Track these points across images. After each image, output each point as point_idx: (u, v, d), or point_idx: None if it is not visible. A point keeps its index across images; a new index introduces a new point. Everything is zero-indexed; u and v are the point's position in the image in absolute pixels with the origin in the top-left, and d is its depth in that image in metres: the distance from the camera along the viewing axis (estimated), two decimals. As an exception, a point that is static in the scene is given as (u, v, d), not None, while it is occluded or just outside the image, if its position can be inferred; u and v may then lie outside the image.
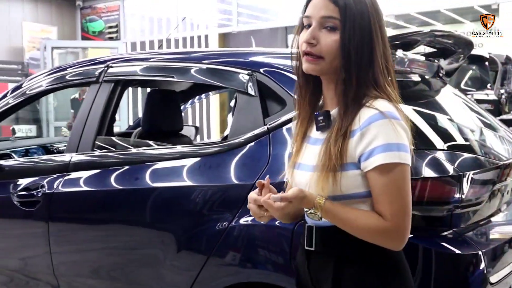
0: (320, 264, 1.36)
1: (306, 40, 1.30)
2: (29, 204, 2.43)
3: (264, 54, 2.21)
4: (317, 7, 1.30)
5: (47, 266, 2.42)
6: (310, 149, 1.38)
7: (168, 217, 2.08)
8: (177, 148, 2.20)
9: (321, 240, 1.36)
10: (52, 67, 8.89)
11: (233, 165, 1.94)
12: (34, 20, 9.78)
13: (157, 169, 2.15)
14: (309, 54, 1.30)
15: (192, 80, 2.42)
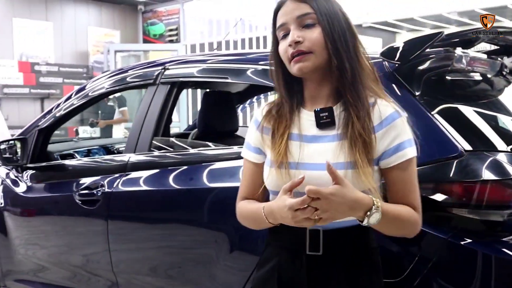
0: (327, 269, 1.33)
1: (292, 41, 1.31)
2: (90, 202, 2.51)
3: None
4: (289, 13, 1.34)
5: (107, 263, 2.49)
6: (314, 148, 1.33)
7: (222, 217, 2.09)
8: (233, 148, 2.20)
9: (328, 244, 1.32)
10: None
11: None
12: (98, 25, 10.14)
13: (213, 170, 2.16)
14: (298, 53, 1.31)
15: (247, 81, 2.42)
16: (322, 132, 1.34)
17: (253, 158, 1.46)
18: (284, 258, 1.37)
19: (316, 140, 1.34)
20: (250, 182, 1.47)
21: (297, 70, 1.33)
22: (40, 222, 2.98)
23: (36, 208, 2.95)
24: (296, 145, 1.35)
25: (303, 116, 1.38)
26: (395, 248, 1.64)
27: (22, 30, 9.07)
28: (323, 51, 1.31)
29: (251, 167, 1.46)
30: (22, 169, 3.02)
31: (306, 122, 1.37)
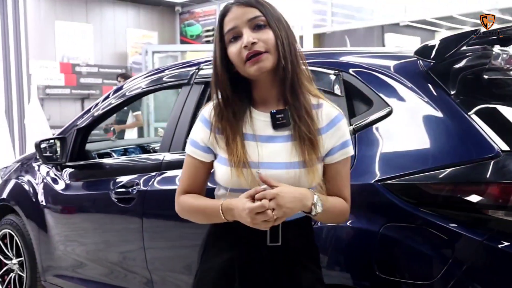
0: (285, 257, 1.43)
1: (248, 42, 1.36)
2: (125, 200, 2.55)
3: (354, 54, 2.17)
4: (239, 17, 1.39)
5: (142, 261, 2.53)
6: (270, 147, 1.41)
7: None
8: None
9: (285, 235, 1.41)
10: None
11: (318, 166, 1.92)
12: (136, 26, 10.31)
13: None
14: (255, 54, 1.36)
15: None
16: (277, 133, 1.42)
17: (200, 157, 1.49)
18: (242, 250, 1.43)
19: (272, 140, 1.42)
20: (194, 178, 1.50)
21: (255, 71, 1.37)
22: (78, 219, 3.05)
23: (75, 205, 3.02)
24: (252, 145, 1.41)
25: (256, 117, 1.44)
26: (428, 250, 1.62)
27: (63, 32, 9.31)
28: (275, 52, 1.38)
29: (196, 164, 1.49)
30: (61, 167, 3.09)
31: (259, 123, 1.44)
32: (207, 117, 1.48)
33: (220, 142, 1.44)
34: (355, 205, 1.77)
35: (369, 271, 1.71)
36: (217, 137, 1.45)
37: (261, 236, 1.40)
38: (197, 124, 1.51)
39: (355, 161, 1.81)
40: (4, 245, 3.55)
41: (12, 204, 3.46)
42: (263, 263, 1.43)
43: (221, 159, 1.44)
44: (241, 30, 1.39)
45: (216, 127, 1.45)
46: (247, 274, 1.44)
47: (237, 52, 1.39)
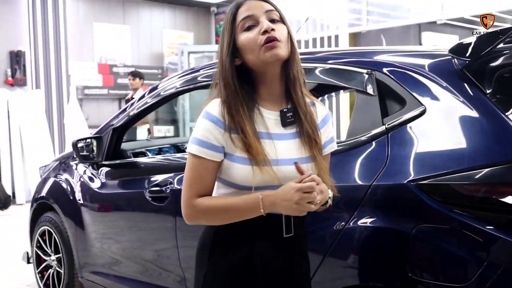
0: (294, 245, 1.54)
1: (268, 26, 1.41)
2: (159, 199, 2.59)
3: (387, 53, 2.15)
4: (257, 7, 1.45)
5: (175, 259, 2.56)
6: (284, 145, 1.47)
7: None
8: None
9: (295, 226, 1.52)
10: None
11: (350, 166, 1.91)
12: (172, 27, 10.43)
13: None
14: (272, 39, 1.41)
15: (313, 80, 2.40)
16: (286, 130, 1.49)
17: (213, 157, 1.45)
18: (263, 244, 1.49)
19: (282, 138, 1.48)
20: (205, 180, 1.47)
21: (271, 56, 1.41)
22: (114, 217, 3.10)
23: (110, 203, 3.08)
24: (268, 143, 1.45)
25: (266, 115, 1.48)
26: (462, 252, 1.59)
27: (101, 34, 9.49)
28: (288, 45, 1.46)
29: (207, 165, 1.45)
30: (97, 166, 3.15)
31: (269, 121, 1.48)
32: (217, 116, 1.45)
33: (236, 142, 1.43)
34: (387, 205, 1.76)
35: (401, 273, 1.69)
36: (232, 136, 1.44)
37: (278, 229, 1.49)
38: (204, 123, 1.45)
39: (387, 160, 1.79)
40: (43, 242, 3.65)
41: (51, 202, 3.54)
42: (280, 254, 1.51)
43: (239, 159, 1.43)
44: (258, 19, 1.44)
45: (231, 126, 1.43)
46: (268, 266, 1.49)
47: (254, 37, 1.42)
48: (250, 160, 1.41)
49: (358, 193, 1.82)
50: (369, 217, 1.78)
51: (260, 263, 1.49)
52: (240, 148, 1.43)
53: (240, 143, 1.43)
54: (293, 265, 1.54)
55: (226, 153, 1.46)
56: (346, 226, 1.83)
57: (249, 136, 1.42)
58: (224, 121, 1.44)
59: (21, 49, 8.56)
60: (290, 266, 1.53)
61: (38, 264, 3.72)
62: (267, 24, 1.42)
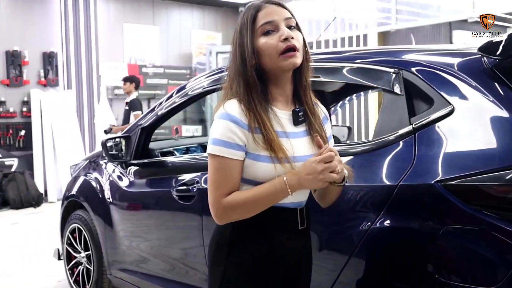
0: (305, 238, 1.64)
1: (288, 34, 1.48)
2: (186, 198, 2.61)
3: (415, 52, 2.12)
4: (277, 13, 1.51)
5: (202, 257, 2.57)
6: (297, 142, 1.55)
7: (311, 216, 2.09)
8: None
9: (306, 218, 1.62)
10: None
11: (376, 166, 1.89)
12: (201, 28, 10.48)
13: None
14: (292, 48, 1.48)
15: (340, 80, 2.39)
16: (297, 129, 1.57)
17: (238, 156, 1.49)
18: (282, 237, 1.55)
19: (296, 136, 1.56)
20: (233, 180, 1.50)
21: (288, 64, 1.49)
22: (142, 216, 3.14)
23: (139, 202, 3.11)
24: (285, 141, 1.52)
25: (280, 115, 1.55)
26: (491, 254, 1.56)
27: (131, 34, 9.60)
28: (302, 52, 1.53)
29: (233, 165, 1.49)
30: (126, 165, 3.19)
31: (283, 120, 1.55)
32: (238, 116, 1.49)
33: (258, 140, 1.48)
34: (414, 205, 1.74)
35: (428, 274, 1.67)
36: (255, 136, 1.49)
37: (294, 221, 1.58)
38: (226, 123, 1.48)
39: (414, 161, 1.77)
40: (73, 239, 3.71)
41: (81, 200, 3.61)
42: (298, 245, 1.60)
43: (260, 157, 1.49)
44: (278, 25, 1.50)
45: (253, 125, 1.48)
46: (287, 258, 1.56)
47: (274, 43, 1.49)
48: (272, 158, 1.47)
49: (384, 193, 1.80)
50: (396, 217, 1.76)
51: (280, 256, 1.54)
52: (261, 147, 1.48)
53: (262, 141, 1.48)
54: (305, 257, 1.65)
55: (247, 152, 1.50)
56: (372, 227, 1.81)
57: (271, 134, 1.48)
58: (246, 121, 1.49)
59: (54, 50, 8.72)
60: (304, 258, 1.63)
61: (69, 261, 3.79)
62: (288, 32, 1.48)
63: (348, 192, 1.94)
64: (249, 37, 1.50)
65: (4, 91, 8.31)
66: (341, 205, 1.97)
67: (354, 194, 1.93)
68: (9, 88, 8.34)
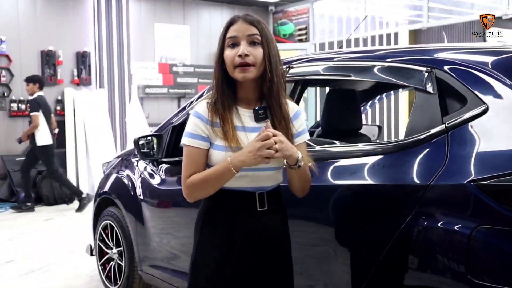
0: (270, 217, 1.84)
1: (242, 52, 1.72)
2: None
3: (448, 50, 2.09)
4: (242, 29, 1.76)
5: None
6: (255, 136, 1.72)
7: (344, 214, 2.09)
8: (358, 146, 2.17)
9: (269, 200, 1.83)
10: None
11: (408, 165, 1.88)
12: (231, 27, 10.52)
13: (337, 167, 2.16)
14: (243, 65, 1.73)
15: (371, 79, 2.38)
16: (259, 124, 1.80)
17: (201, 145, 1.80)
18: (241, 217, 1.81)
19: (254, 130, 1.79)
20: (197, 164, 1.80)
21: (241, 78, 1.75)
22: (172, 213, 3.17)
23: (169, 200, 3.14)
24: (243, 134, 1.79)
25: (242, 113, 1.82)
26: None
27: (162, 34, 9.70)
28: (261, 66, 1.76)
29: (198, 152, 1.80)
30: (157, 163, 3.23)
31: (244, 117, 1.82)
32: (203, 114, 1.81)
33: (217, 133, 1.78)
34: (446, 205, 1.72)
35: (460, 275, 1.65)
36: (215, 129, 1.79)
37: (252, 205, 1.81)
38: (193, 120, 1.82)
39: (447, 160, 1.75)
40: (105, 235, 3.78)
41: (113, 197, 3.66)
42: (257, 225, 1.81)
43: (219, 146, 1.78)
44: (239, 41, 1.75)
45: (214, 121, 1.79)
46: (246, 235, 1.80)
47: (232, 57, 1.75)
48: (226, 147, 1.76)
49: (416, 193, 1.79)
50: (428, 217, 1.75)
51: (240, 232, 1.80)
52: (220, 138, 1.78)
53: (220, 133, 1.78)
54: (272, 239, 1.85)
55: (210, 143, 1.80)
56: (404, 226, 1.80)
57: (227, 127, 1.77)
58: (209, 117, 1.80)
59: (87, 50, 8.88)
60: (268, 239, 1.83)
61: (101, 257, 3.86)
62: (242, 50, 1.73)
63: (380, 191, 1.93)
64: (219, 47, 1.79)
65: (39, 90, 8.50)
66: (372, 204, 1.97)
67: (385, 193, 1.93)
68: (44, 87, 8.54)
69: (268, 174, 1.80)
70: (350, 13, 9.54)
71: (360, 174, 2.03)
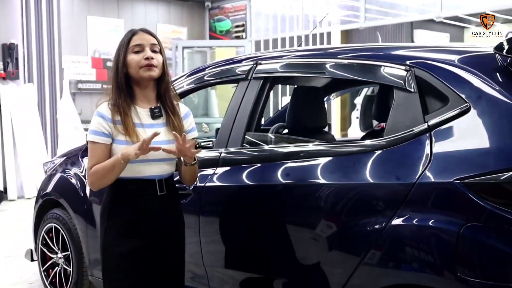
0: (168, 201, 2.15)
1: (150, 55, 2.07)
2: (182, 196, 2.52)
3: (425, 48, 2.12)
4: (145, 39, 2.11)
5: (196, 256, 2.50)
6: (152, 131, 1.98)
7: (322, 214, 2.05)
8: (339, 144, 2.15)
9: (167, 186, 2.13)
10: (183, 66, 9.32)
11: (390, 164, 1.88)
12: (166, 22, 10.31)
13: (311, 166, 2.12)
14: (149, 65, 2.06)
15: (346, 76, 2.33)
16: (155, 122, 2.12)
17: (104, 141, 2.07)
18: (144, 201, 2.10)
19: (152, 126, 2.10)
20: (100, 157, 2.06)
21: (147, 76, 2.08)
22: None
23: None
24: (141, 130, 2.08)
25: (140, 111, 2.12)
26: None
27: (95, 28, 9.35)
28: (160, 70, 2.12)
29: (101, 147, 2.07)
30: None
31: (142, 115, 2.12)
32: (105, 113, 2.08)
33: (119, 129, 2.06)
34: (432, 203, 1.74)
35: (450, 272, 1.66)
36: (117, 127, 2.06)
37: (153, 189, 2.10)
38: (97, 119, 2.08)
39: (431, 158, 1.76)
40: (49, 239, 3.56)
41: (58, 198, 3.46)
42: (158, 208, 2.11)
43: (120, 141, 2.06)
44: (145, 47, 2.09)
45: (115, 119, 2.06)
46: (149, 217, 2.09)
47: (139, 60, 2.07)
48: (127, 141, 2.04)
49: (400, 191, 1.79)
50: (413, 215, 1.75)
51: (144, 214, 2.09)
52: (121, 134, 2.06)
53: (122, 130, 2.05)
54: (170, 220, 2.16)
55: (113, 138, 2.07)
56: (388, 224, 1.80)
57: (127, 124, 2.05)
58: (110, 116, 2.07)
59: (14, 42, 8.39)
60: (167, 219, 2.14)
61: (43, 262, 3.63)
62: (149, 53, 2.07)
63: (362, 190, 1.92)
64: (123, 53, 2.09)
65: (-39, 84, 7.95)
66: (353, 203, 1.95)
67: (367, 193, 1.91)
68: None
69: (163, 164, 2.12)
70: (285, 11, 9.60)
71: (341, 173, 2.02)
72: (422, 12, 7.58)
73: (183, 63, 9.37)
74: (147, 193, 2.11)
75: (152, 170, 2.10)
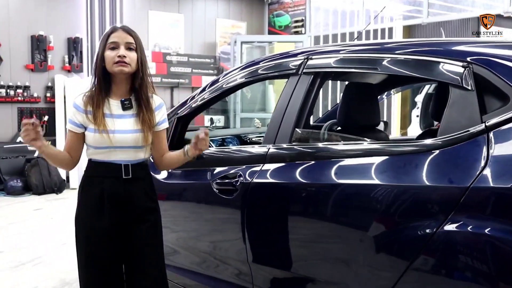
0: (133, 185, 2.31)
1: (122, 54, 2.24)
2: (227, 192, 2.50)
3: (481, 44, 1.99)
4: (121, 37, 2.27)
5: (240, 253, 2.48)
6: (121, 121, 2.29)
7: (371, 215, 1.96)
8: (391, 144, 2.05)
9: (133, 171, 2.31)
10: (242, 61, 9.34)
11: (443, 166, 1.77)
12: (226, 17, 10.36)
13: (362, 165, 2.04)
14: (122, 62, 2.23)
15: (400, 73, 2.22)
16: (125, 112, 2.32)
17: (77, 130, 2.31)
18: (109, 182, 2.28)
19: (122, 117, 2.31)
20: (72, 144, 2.32)
21: (118, 71, 2.25)
22: (179, 208, 3.04)
23: (176, 193, 3.02)
24: (110, 120, 2.28)
25: (112, 103, 2.32)
26: None
27: (156, 22, 9.51)
28: (135, 66, 2.28)
29: (75, 135, 2.31)
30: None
31: (113, 106, 2.31)
32: (79, 105, 2.31)
33: (90, 119, 2.27)
34: (488, 209, 1.62)
35: (507, 285, 1.55)
36: (88, 116, 2.28)
37: (118, 173, 2.29)
38: (72, 110, 2.32)
39: (488, 161, 1.65)
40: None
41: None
42: (122, 190, 2.29)
43: (91, 129, 2.27)
44: (119, 45, 2.26)
45: (87, 110, 2.28)
46: (112, 197, 2.28)
47: (113, 56, 2.24)
48: (95, 129, 2.26)
49: (453, 195, 1.68)
50: (467, 221, 1.65)
51: (108, 194, 2.28)
52: (92, 123, 2.27)
53: (92, 120, 2.27)
54: (136, 204, 2.31)
55: (86, 127, 2.29)
56: (440, 230, 1.70)
57: (97, 113, 2.26)
58: (83, 106, 2.29)
59: (79, 36, 8.66)
60: (132, 203, 2.31)
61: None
62: (122, 52, 2.24)
63: (414, 193, 1.82)
64: (101, 49, 2.28)
65: (29, 76, 8.29)
66: (405, 206, 1.86)
67: (419, 195, 1.81)
68: (34, 73, 8.31)
69: (130, 150, 2.29)
70: (346, 6, 9.43)
71: (392, 173, 1.92)
72: (488, 7, 7.24)
73: (241, 58, 9.39)
74: (112, 176, 2.29)
75: (118, 155, 2.29)
